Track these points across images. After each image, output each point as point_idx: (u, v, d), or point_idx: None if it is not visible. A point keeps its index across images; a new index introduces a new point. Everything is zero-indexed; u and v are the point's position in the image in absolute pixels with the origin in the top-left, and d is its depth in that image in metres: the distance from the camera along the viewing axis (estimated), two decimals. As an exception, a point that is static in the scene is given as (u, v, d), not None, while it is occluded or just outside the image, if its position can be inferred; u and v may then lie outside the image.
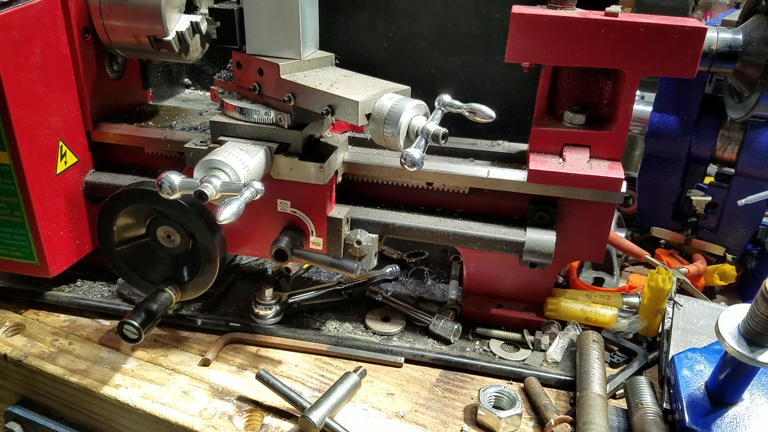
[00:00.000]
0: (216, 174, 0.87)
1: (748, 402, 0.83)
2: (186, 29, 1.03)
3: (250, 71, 0.99)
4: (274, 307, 1.14)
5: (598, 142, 1.01)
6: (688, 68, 0.94)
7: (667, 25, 0.92)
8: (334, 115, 0.90)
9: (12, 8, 0.93)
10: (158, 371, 1.03)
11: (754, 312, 0.72)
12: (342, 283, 1.23)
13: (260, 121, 0.98)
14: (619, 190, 0.98)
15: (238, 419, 0.94)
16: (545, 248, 1.00)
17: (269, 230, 1.05)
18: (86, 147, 1.14)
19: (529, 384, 1.01)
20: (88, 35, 1.07)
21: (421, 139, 0.85)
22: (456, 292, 1.21)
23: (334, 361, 1.08)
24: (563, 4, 0.98)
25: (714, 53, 1.05)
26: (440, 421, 0.95)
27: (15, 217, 1.05)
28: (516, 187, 1.03)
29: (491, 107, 0.87)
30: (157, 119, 1.19)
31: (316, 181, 0.98)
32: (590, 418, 0.87)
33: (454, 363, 1.07)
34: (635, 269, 1.39)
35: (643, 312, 1.09)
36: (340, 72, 1.00)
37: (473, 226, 1.05)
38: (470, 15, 1.17)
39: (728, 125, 1.25)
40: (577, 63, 0.98)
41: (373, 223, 1.06)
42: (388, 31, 1.23)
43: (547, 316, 1.12)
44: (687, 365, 0.89)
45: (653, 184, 1.37)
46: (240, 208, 0.80)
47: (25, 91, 0.97)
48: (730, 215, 1.29)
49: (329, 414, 0.91)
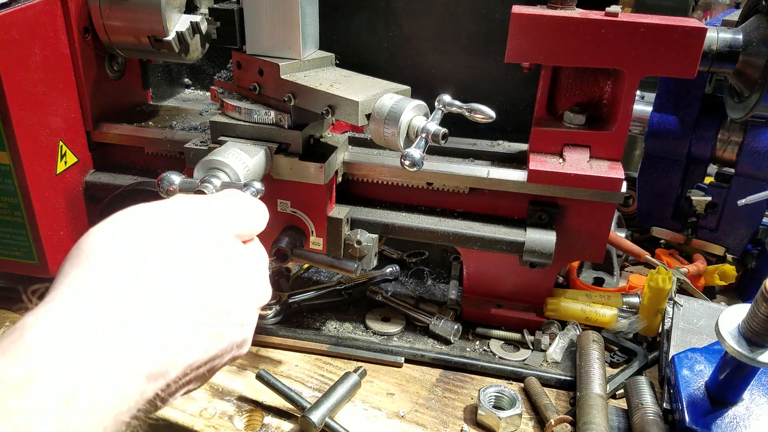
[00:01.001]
0: (216, 174, 0.87)
1: (748, 402, 0.83)
2: (186, 29, 1.03)
3: (250, 71, 0.99)
4: (274, 307, 1.14)
5: (598, 142, 1.01)
6: (688, 68, 0.94)
7: (667, 25, 0.92)
8: (334, 115, 0.90)
9: (12, 8, 0.93)
10: (158, 371, 1.03)
11: (754, 312, 0.72)
12: (342, 283, 1.23)
13: (260, 122, 0.98)
14: (619, 190, 0.98)
15: (238, 419, 0.94)
16: (545, 248, 1.00)
17: (269, 230, 1.04)
18: (86, 147, 1.14)
19: (529, 384, 1.01)
20: (88, 35, 1.07)
21: (421, 140, 0.85)
22: (456, 292, 1.21)
23: (334, 361, 1.08)
24: (563, 4, 0.97)
25: (714, 53, 1.05)
26: (440, 421, 0.95)
27: (15, 217, 1.05)
28: (516, 187, 1.03)
29: (491, 107, 0.87)
30: (157, 119, 1.19)
31: (316, 181, 0.98)
32: (590, 418, 0.87)
33: (454, 363, 1.07)
34: (635, 269, 1.39)
35: (643, 312, 1.09)
36: (340, 72, 1.00)
37: (473, 226, 1.05)
38: (470, 15, 1.17)
39: (728, 125, 1.25)
40: (577, 63, 0.98)
41: (373, 223, 1.06)
42: (388, 31, 1.23)
43: (547, 316, 1.12)
44: (687, 365, 0.89)
45: (653, 184, 1.37)
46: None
47: (25, 91, 0.97)
48: (730, 215, 1.29)
49: (329, 414, 0.91)
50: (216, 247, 0.57)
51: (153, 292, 0.49)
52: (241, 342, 0.58)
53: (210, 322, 0.53)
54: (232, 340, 0.56)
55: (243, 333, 0.58)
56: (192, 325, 0.51)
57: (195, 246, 0.55)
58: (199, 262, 0.54)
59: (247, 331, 0.60)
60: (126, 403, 0.45)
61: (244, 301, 0.58)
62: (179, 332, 0.50)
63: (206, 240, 0.56)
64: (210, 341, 0.53)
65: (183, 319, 0.51)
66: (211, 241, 0.56)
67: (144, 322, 0.48)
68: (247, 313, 0.59)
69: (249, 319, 0.60)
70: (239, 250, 0.60)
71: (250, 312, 0.60)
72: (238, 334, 0.57)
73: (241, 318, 0.58)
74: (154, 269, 0.50)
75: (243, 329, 0.58)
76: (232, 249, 0.59)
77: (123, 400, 0.45)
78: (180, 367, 0.50)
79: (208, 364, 0.54)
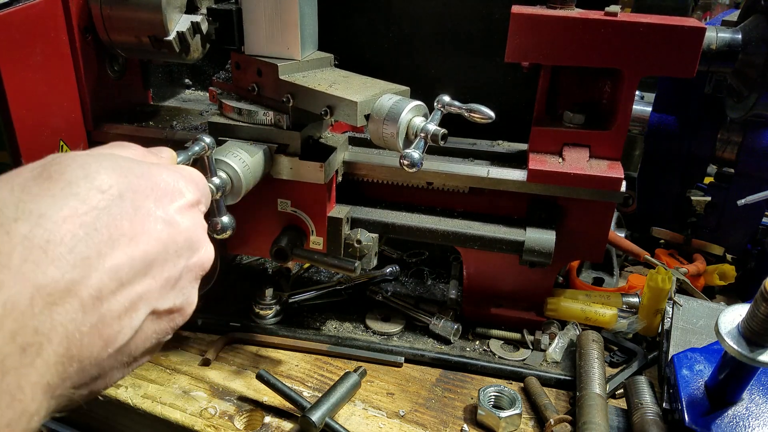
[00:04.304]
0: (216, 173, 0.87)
1: (748, 402, 0.83)
2: (187, 29, 1.03)
3: (248, 72, 0.99)
4: (274, 307, 1.14)
5: (598, 141, 1.01)
6: (687, 68, 0.94)
7: (666, 25, 0.92)
8: (332, 115, 0.90)
9: (12, 8, 0.93)
10: (158, 371, 1.04)
11: (754, 312, 0.72)
12: (342, 283, 1.23)
13: (259, 122, 0.98)
14: (618, 190, 0.98)
15: (238, 419, 0.94)
16: (545, 248, 1.00)
17: (269, 230, 1.05)
18: (87, 147, 1.14)
19: (529, 384, 1.01)
20: (89, 35, 1.07)
21: (420, 140, 0.85)
22: (456, 292, 1.21)
23: (334, 361, 1.08)
24: (563, 4, 0.98)
25: (713, 53, 1.05)
26: (440, 420, 0.95)
27: (15, 217, 1.05)
28: (516, 186, 1.03)
29: (491, 107, 0.87)
30: (158, 119, 1.19)
31: (316, 180, 0.98)
32: (590, 417, 0.88)
33: (454, 363, 1.07)
34: (635, 269, 1.39)
35: (642, 312, 1.09)
36: (339, 73, 1.00)
37: (473, 226, 1.05)
38: (470, 15, 1.17)
39: (728, 125, 1.25)
40: (576, 63, 0.98)
41: (373, 223, 1.06)
42: (388, 32, 1.23)
43: (547, 315, 1.12)
44: (687, 365, 0.89)
45: (653, 184, 1.37)
46: (185, 161, 0.78)
47: (26, 91, 0.97)
48: (730, 215, 1.29)
49: (329, 414, 0.91)
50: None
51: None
52: (184, 242, 0.54)
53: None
54: (161, 237, 0.52)
55: (174, 229, 0.54)
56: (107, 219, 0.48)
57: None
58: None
59: (185, 229, 0.55)
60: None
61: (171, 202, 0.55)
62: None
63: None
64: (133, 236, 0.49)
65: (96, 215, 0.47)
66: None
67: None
68: (175, 212, 0.55)
69: (178, 218, 0.55)
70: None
71: (183, 211, 0.56)
72: (164, 230, 0.53)
73: (167, 216, 0.54)
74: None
75: (171, 227, 0.54)
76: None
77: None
78: (101, 271, 0.46)
79: (149, 272, 0.50)
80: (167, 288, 0.53)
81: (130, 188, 0.51)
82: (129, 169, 0.52)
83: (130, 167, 0.53)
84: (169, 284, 0.53)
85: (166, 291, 0.53)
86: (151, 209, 0.52)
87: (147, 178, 0.54)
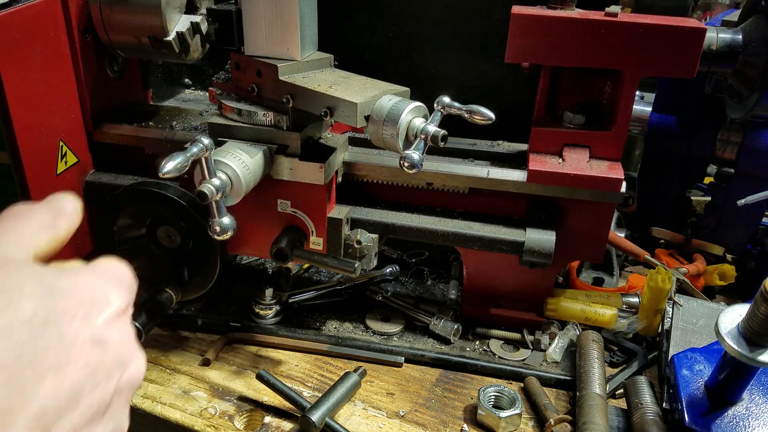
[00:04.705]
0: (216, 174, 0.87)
1: (748, 402, 0.83)
2: (186, 29, 1.03)
3: (248, 73, 0.99)
4: (274, 307, 1.14)
5: (598, 142, 1.01)
6: (687, 68, 0.94)
7: (666, 25, 0.92)
8: (332, 116, 0.90)
9: (12, 8, 0.93)
10: (158, 371, 1.04)
11: (754, 312, 0.72)
12: (342, 283, 1.23)
13: (259, 123, 0.98)
14: (618, 190, 0.98)
15: (238, 419, 0.95)
16: (545, 248, 1.00)
17: (269, 230, 1.05)
18: (87, 147, 1.14)
19: (529, 384, 1.01)
20: (89, 35, 1.07)
21: (420, 141, 0.85)
22: (456, 292, 1.21)
23: (334, 361, 1.08)
24: (563, 4, 0.98)
25: (714, 53, 1.05)
26: (440, 420, 0.95)
27: (15, 217, 1.05)
28: (516, 187, 1.03)
29: (491, 107, 0.87)
30: (158, 119, 1.19)
31: (316, 181, 0.98)
32: (590, 417, 0.88)
33: (454, 363, 1.07)
34: (635, 269, 1.39)
35: (642, 312, 1.09)
36: (339, 73, 1.00)
37: (473, 227, 1.05)
38: (470, 15, 1.17)
39: (728, 125, 1.25)
40: (576, 63, 0.98)
41: (373, 223, 1.06)
42: (388, 32, 1.23)
43: (547, 316, 1.12)
44: (687, 365, 0.89)
45: (653, 184, 1.37)
46: (184, 163, 0.79)
47: (26, 92, 0.97)
48: (730, 215, 1.29)
49: (329, 414, 0.91)
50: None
51: None
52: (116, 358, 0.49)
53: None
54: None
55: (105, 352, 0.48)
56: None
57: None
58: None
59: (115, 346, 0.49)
60: None
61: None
62: None
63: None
64: None
65: None
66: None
67: None
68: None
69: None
70: None
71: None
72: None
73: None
74: None
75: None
76: None
77: None
78: (26, 419, 0.40)
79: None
80: (97, 419, 0.48)
81: (56, 311, 0.45)
82: (52, 290, 0.47)
83: (53, 286, 0.47)
84: (99, 413, 0.48)
85: (96, 423, 0.48)
86: (78, 333, 0.47)
87: (72, 295, 0.48)
